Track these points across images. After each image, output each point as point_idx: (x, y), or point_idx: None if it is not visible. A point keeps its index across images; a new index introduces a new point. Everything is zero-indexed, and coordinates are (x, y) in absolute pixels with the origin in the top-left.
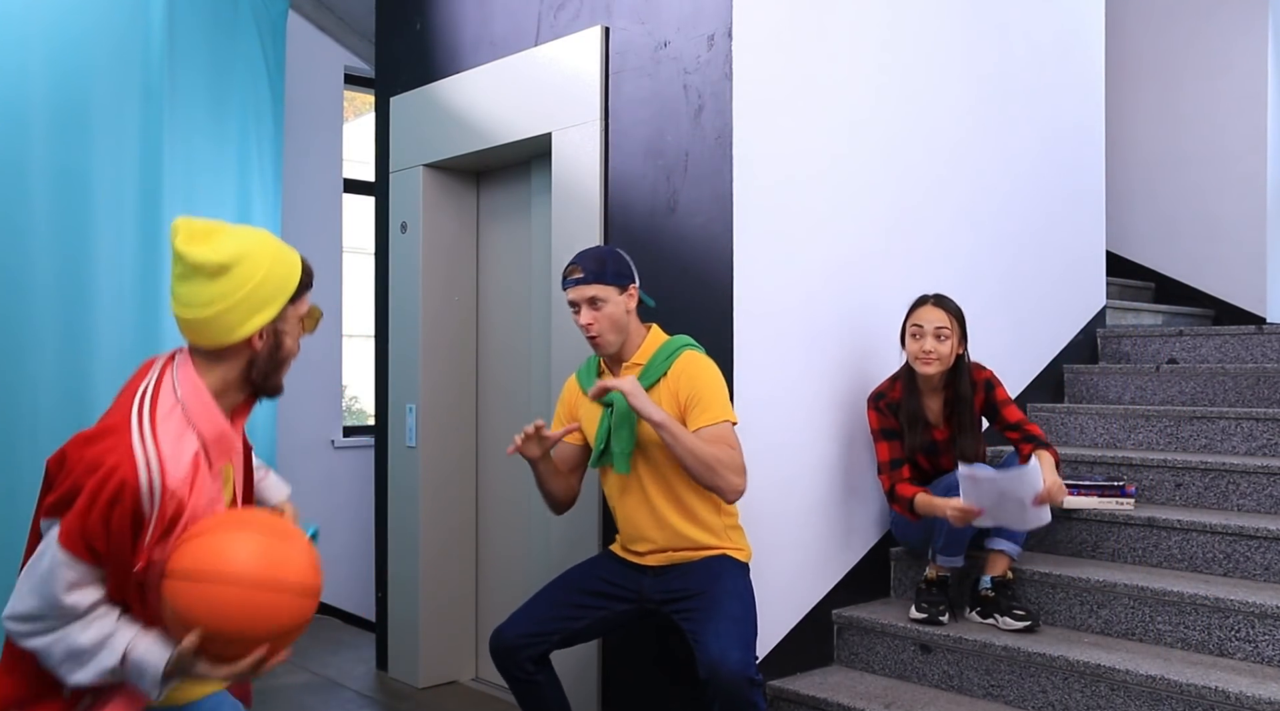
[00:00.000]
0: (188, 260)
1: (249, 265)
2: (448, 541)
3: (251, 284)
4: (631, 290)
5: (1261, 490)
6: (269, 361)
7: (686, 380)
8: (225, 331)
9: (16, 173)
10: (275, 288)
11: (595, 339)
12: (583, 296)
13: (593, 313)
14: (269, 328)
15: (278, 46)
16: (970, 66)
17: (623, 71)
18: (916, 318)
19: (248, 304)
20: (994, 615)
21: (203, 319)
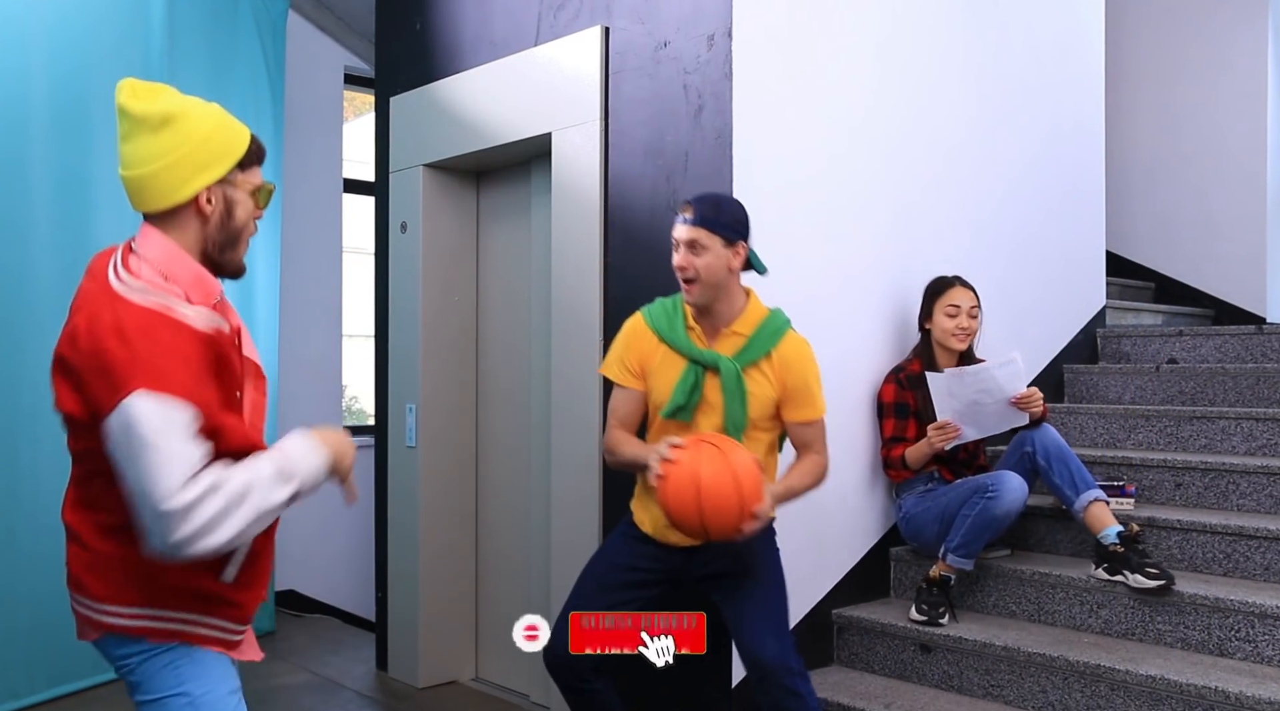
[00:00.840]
0: (131, 114)
1: (192, 121)
2: (448, 541)
3: (196, 139)
4: (740, 248)
5: (1261, 490)
6: (221, 230)
7: (796, 371)
8: (170, 189)
9: (17, 172)
10: (221, 146)
11: (688, 283)
12: (683, 237)
13: (690, 256)
14: (217, 191)
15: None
16: (970, 66)
17: (623, 71)
18: (952, 298)
19: (192, 160)
20: (1123, 572)
21: (146, 174)
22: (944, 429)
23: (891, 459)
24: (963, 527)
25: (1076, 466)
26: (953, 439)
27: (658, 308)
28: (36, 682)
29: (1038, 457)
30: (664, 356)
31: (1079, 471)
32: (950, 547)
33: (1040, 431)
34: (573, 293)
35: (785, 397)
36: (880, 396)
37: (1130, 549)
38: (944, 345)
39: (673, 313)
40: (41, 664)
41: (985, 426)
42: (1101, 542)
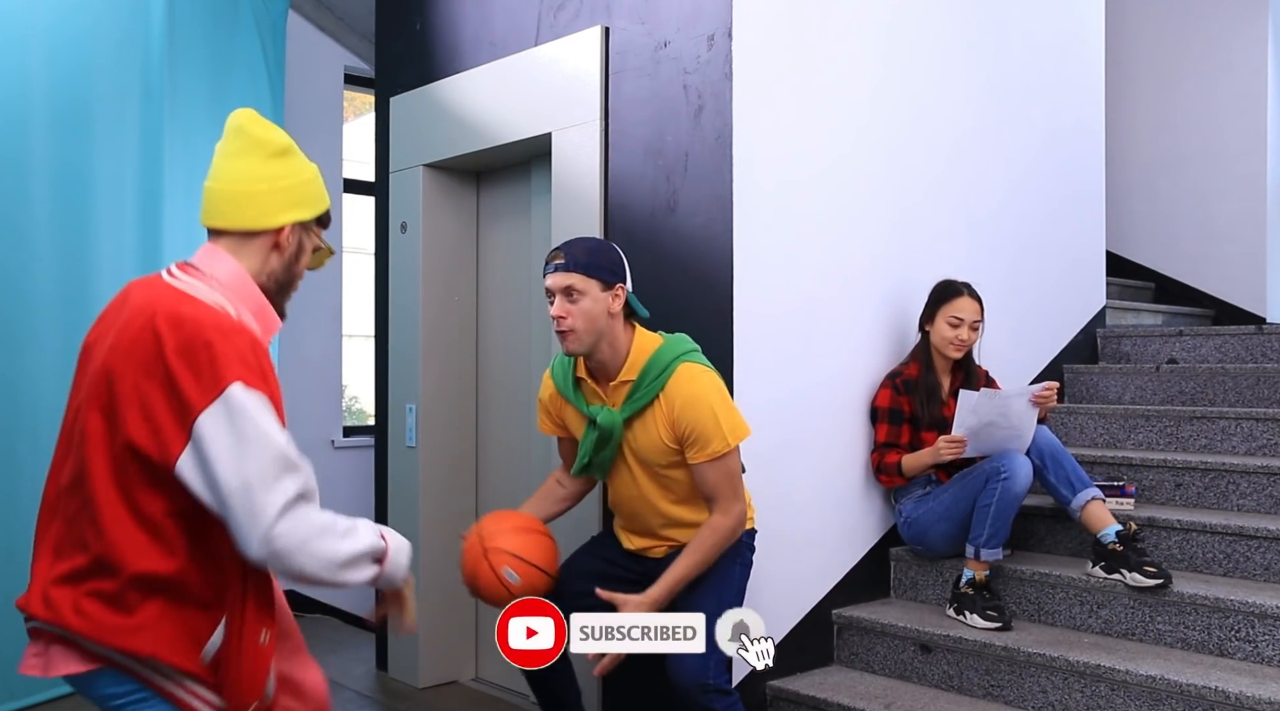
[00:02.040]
0: (252, 134)
1: (302, 161)
2: (448, 541)
3: (302, 178)
4: (619, 290)
5: (1261, 490)
6: (286, 270)
7: (685, 414)
8: (267, 213)
9: (16, 172)
10: (317, 192)
11: (564, 334)
12: (559, 285)
13: (567, 304)
14: (298, 231)
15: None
16: (970, 66)
17: (623, 71)
18: (957, 309)
19: (295, 193)
20: (1120, 570)
21: (249, 192)
22: (955, 444)
23: (885, 465)
24: (987, 517)
25: (1072, 466)
26: (959, 454)
27: (558, 364)
28: (36, 683)
29: (1033, 457)
30: (573, 412)
31: (1075, 471)
32: (980, 543)
33: (1039, 432)
34: None
35: (684, 444)
36: (875, 401)
37: (1128, 547)
38: (940, 352)
39: (567, 367)
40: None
41: (985, 447)
42: (1100, 541)
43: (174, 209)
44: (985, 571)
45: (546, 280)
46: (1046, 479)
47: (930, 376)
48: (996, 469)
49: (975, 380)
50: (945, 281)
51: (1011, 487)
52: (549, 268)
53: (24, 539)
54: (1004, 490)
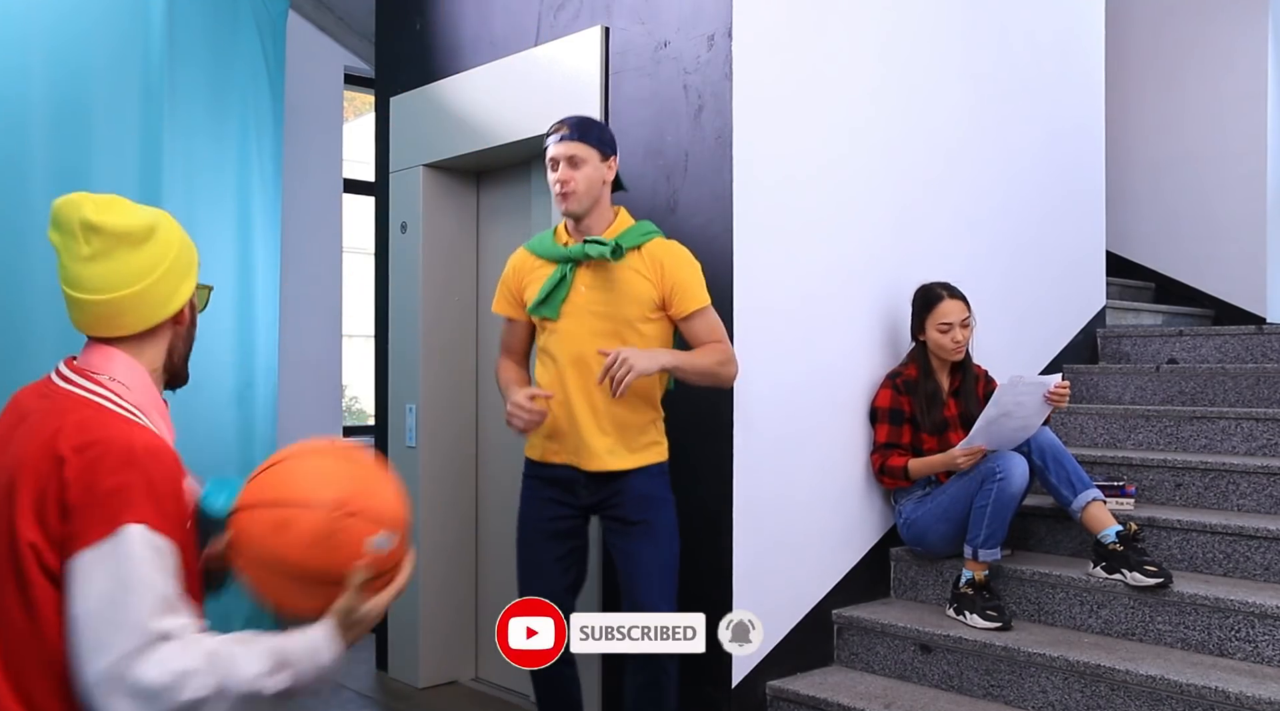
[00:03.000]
0: (110, 230)
1: (167, 229)
2: (448, 541)
3: (176, 245)
4: (612, 162)
5: (1261, 490)
6: (186, 339)
7: (671, 266)
8: (160, 305)
9: (17, 172)
10: (191, 254)
11: (567, 196)
12: (563, 153)
13: (570, 170)
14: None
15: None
16: (970, 66)
17: (623, 71)
18: (942, 315)
19: (178, 267)
20: (1121, 570)
21: (134, 294)
22: (973, 453)
23: (890, 467)
24: (984, 518)
25: (1073, 466)
26: (976, 461)
27: (534, 237)
28: None
29: (1034, 458)
30: (539, 269)
31: (1075, 471)
32: (978, 543)
33: (1040, 432)
34: None
35: (670, 295)
36: (875, 401)
37: (1129, 547)
38: (939, 356)
39: (545, 234)
40: None
41: (996, 440)
42: (1101, 542)
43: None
44: (984, 571)
45: (550, 150)
46: (1048, 479)
47: (930, 382)
48: (993, 469)
49: (974, 380)
50: (924, 288)
51: (1008, 488)
52: (553, 138)
53: None
54: (1000, 491)
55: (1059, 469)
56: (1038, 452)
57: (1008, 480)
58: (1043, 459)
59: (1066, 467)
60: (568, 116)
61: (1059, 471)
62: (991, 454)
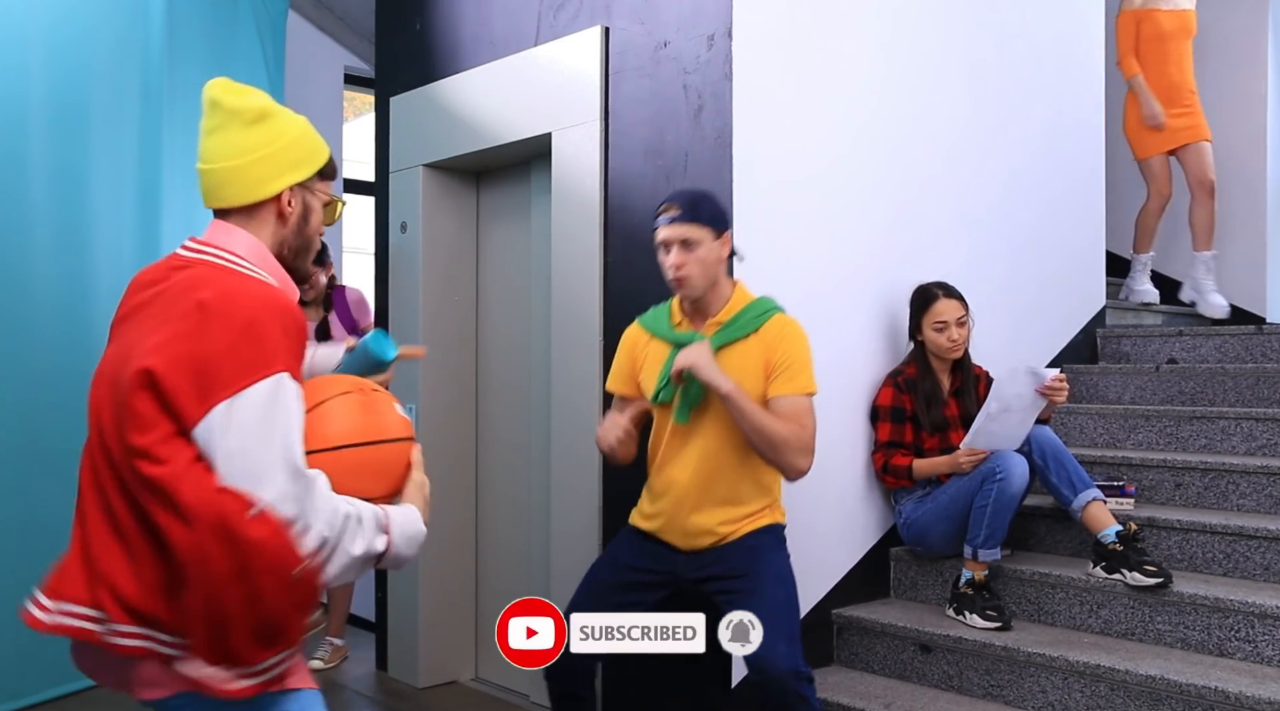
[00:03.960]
0: (226, 107)
1: (285, 121)
2: (448, 541)
3: (289, 138)
4: (726, 237)
5: (1261, 490)
6: (297, 235)
7: (783, 344)
8: (259, 183)
9: (16, 172)
10: (308, 150)
11: (681, 281)
12: (676, 236)
13: (684, 254)
14: (298, 193)
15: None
16: (970, 66)
17: (623, 71)
18: (938, 314)
19: (284, 156)
20: (1121, 570)
21: (235, 167)
22: (976, 456)
23: (893, 467)
24: (984, 518)
25: (1073, 466)
26: (979, 463)
27: (649, 312)
28: (36, 682)
29: (1034, 457)
30: (654, 350)
31: (1076, 471)
32: (978, 543)
33: (1036, 430)
34: (573, 293)
35: (772, 373)
36: (877, 400)
37: (1129, 547)
38: (938, 356)
39: (661, 310)
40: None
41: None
42: (1101, 542)
43: (173, 209)
44: (984, 571)
45: (660, 232)
46: (1048, 479)
47: (928, 381)
48: (993, 469)
49: (974, 380)
50: (920, 288)
51: (1007, 488)
52: (662, 219)
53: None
54: (1000, 491)
55: (1060, 468)
56: (1038, 452)
57: (1008, 480)
58: (1043, 458)
59: (1067, 467)
60: (678, 193)
61: (1059, 471)
62: (992, 454)
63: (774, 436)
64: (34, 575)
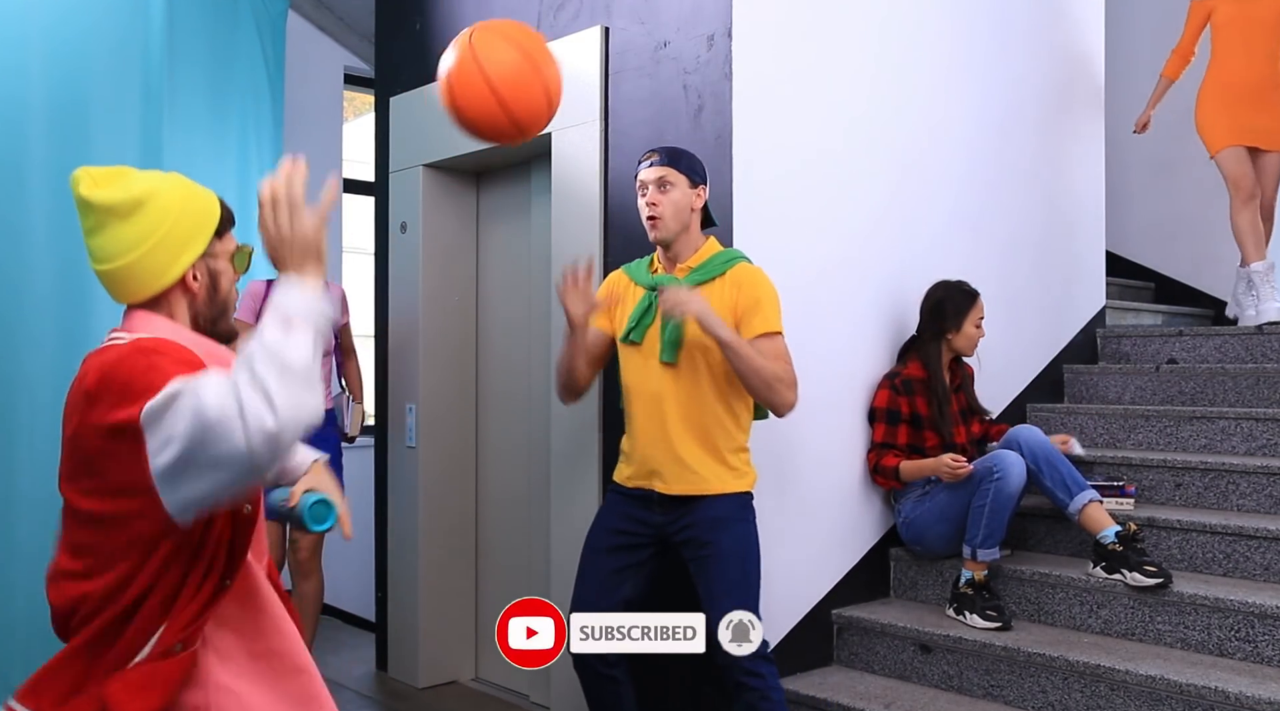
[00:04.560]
0: (97, 205)
1: (163, 199)
2: (448, 541)
3: (171, 217)
4: (701, 190)
5: (1261, 490)
6: (210, 305)
7: (748, 287)
8: (156, 275)
9: (16, 172)
10: (196, 220)
11: (655, 220)
12: (652, 177)
13: (659, 194)
14: (201, 265)
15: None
16: (970, 65)
17: (623, 71)
18: (980, 311)
19: (171, 239)
20: (1121, 570)
21: (128, 265)
22: (957, 469)
23: (883, 467)
24: (981, 518)
25: (1067, 468)
26: (961, 477)
27: (634, 263)
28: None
29: (1027, 462)
30: (630, 294)
31: (1070, 473)
32: (977, 543)
33: (1028, 434)
34: None
35: (741, 316)
36: (874, 401)
37: (1128, 547)
38: (963, 352)
39: (643, 261)
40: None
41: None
42: (1100, 542)
43: None
44: (984, 571)
45: (640, 174)
46: (1042, 483)
47: (938, 381)
48: (990, 469)
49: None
50: (959, 286)
51: (1005, 487)
52: (644, 164)
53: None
54: (997, 490)
55: (1053, 472)
56: (1030, 456)
57: (1005, 479)
58: (1035, 462)
59: (1061, 470)
60: (659, 144)
61: (1053, 474)
62: (988, 454)
63: (769, 375)
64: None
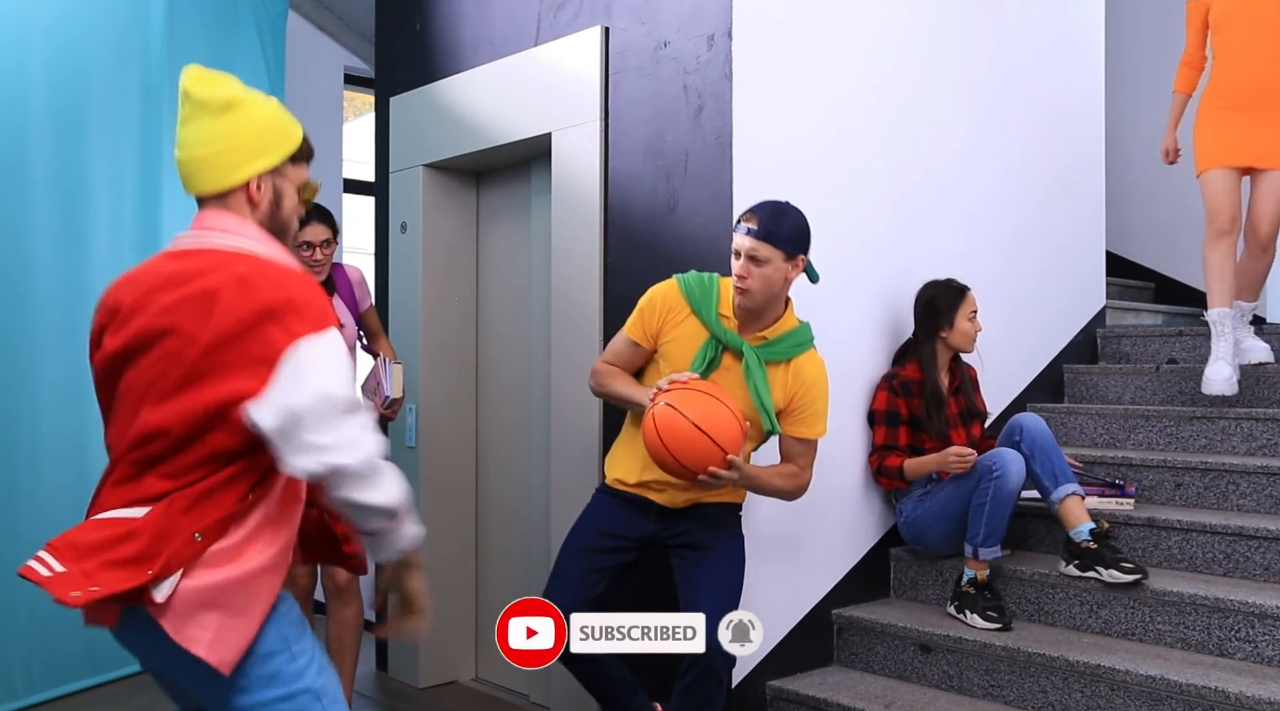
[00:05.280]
0: (194, 98)
1: (252, 108)
2: (448, 541)
3: (254, 127)
4: (799, 261)
5: (1261, 490)
6: (270, 219)
7: (806, 386)
8: (224, 172)
9: (16, 172)
10: (276, 136)
11: (743, 291)
12: (745, 248)
13: (750, 266)
14: (267, 179)
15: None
16: (970, 66)
17: (623, 71)
18: (971, 304)
19: (249, 146)
20: (1096, 568)
21: (203, 156)
22: (965, 456)
23: (885, 468)
24: (982, 517)
25: (1059, 459)
26: (967, 467)
27: (694, 279)
28: (36, 682)
29: (1023, 445)
30: (688, 327)
31: (1060, 464)
32: (978, 542)
33: (1031, 421)
34: (573, 293)
35: (789, 409)
36: (873, 404)
37: (1103, 545)
38: (961, 349)
39: (709, 289)
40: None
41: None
42: (1074, 539)
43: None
44: (986, 571)
45: (736, 238)
46: (1032, 468)
47: (932, 383)
48: (989, 468)
49: (970, 376)
50: (947, 283)
51: (1004, 486)
52: (740, 228)
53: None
54: (997, 489)
55: (1045, 460)
56: (1028, 441)
57: (1004, 478)
58: (1031, 448)
59: (1053, 459)
60: (762, 205)
61: (1044, 462)
62: (987, 453)
63: (777, 493)
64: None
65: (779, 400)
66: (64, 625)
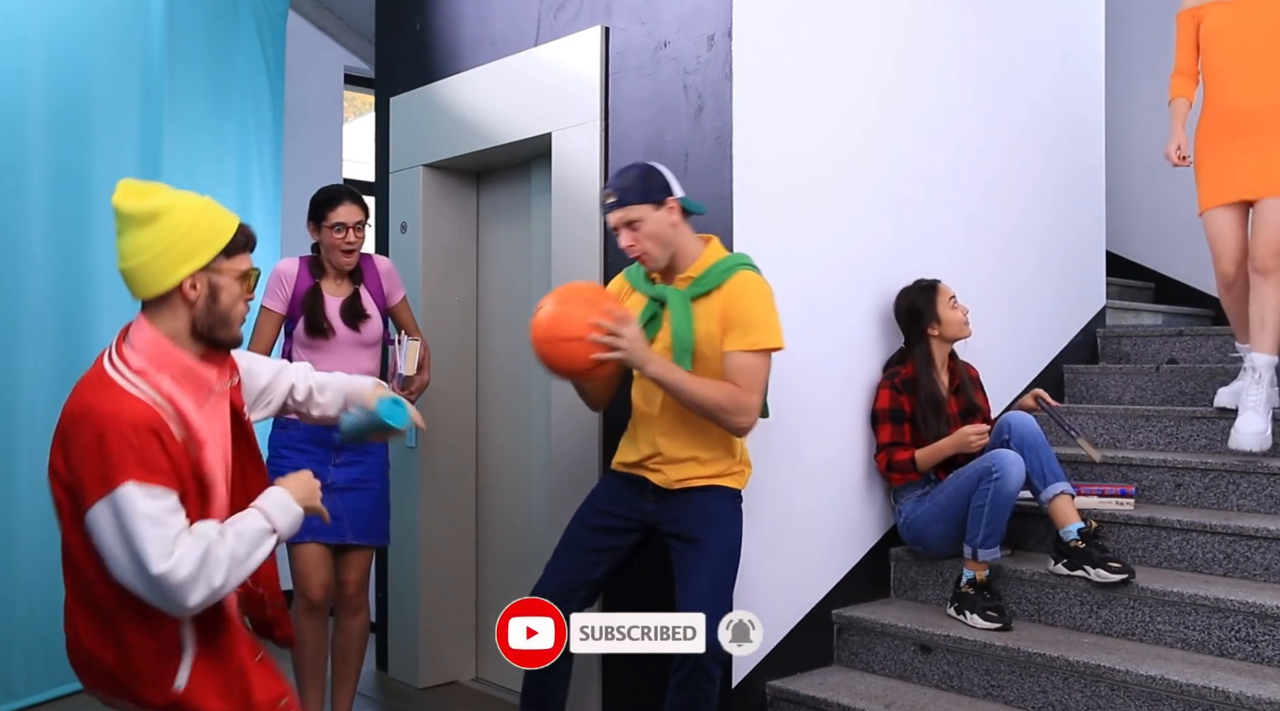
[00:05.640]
0: (122, 212)
1: (177, 214)
2: (448, 541)
3: (179, 232)
4: (670, 203)
5: (1261, 490)
6: (208, 314)
7: (741, 300)
8: (157, 278)
9: (16, 173)
10: (204, 237)
11: (640, 257)
12: (618, 221)
13: (632, 234)
14: (202, 276)
15: (278, 46)
16: (970, 65)
17: (623, 71)
18: (947, 292)
19: (177, 249)
20: (1084, 567)
21: (136, 266)
22: (983, 432)
23: (896, 463)
24: (981, 518)
25: (1048, 457)
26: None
27: (634, 265)
28: (36, 682)
29: (1012, 444)
30: (634, 300)
31: (1049, 462)
32: (977, 543)
33: (1020, 420)
34: None
35: (725, 328)
36: (876, 404)
37: (1091, 544)
38: (955, 338)
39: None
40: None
41: None
42: (1062, 538)
43: None
44: (985, 571)
45: (608, 219)
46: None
47: (929, 382)
48: (988, 468)
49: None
50: (916, 284)
51: (1004, 487)
52: (605, 208)
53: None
54: (996, 490)
55: (1035, 458)
56: (1016, 440)
57: (1004, 479)
58: (1020, 447)
59: (1042, 457)
60: (612, 177)
61: (1034, 460)
62: (985, 453)
63: (706, 404)
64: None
65: (714, 328)
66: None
